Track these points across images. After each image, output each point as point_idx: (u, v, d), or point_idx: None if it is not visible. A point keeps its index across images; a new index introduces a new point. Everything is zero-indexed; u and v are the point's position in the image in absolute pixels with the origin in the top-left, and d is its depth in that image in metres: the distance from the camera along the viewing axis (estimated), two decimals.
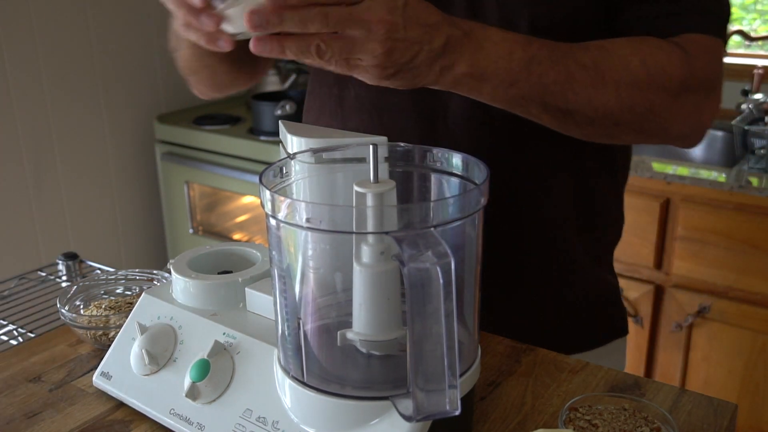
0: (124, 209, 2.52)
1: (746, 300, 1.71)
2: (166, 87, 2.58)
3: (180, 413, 0.66)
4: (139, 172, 2.54)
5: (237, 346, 0.66)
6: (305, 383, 0.59)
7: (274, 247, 0.58)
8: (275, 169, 0.62)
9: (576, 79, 0.72)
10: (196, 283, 0.70)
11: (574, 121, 0.75)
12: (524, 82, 0.70)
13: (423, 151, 0.65)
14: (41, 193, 2.26)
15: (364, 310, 0.57)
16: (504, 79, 0.69)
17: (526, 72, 0.70)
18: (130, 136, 2.49)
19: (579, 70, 0.72)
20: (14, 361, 0.79)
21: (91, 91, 2.35)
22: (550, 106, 0.72)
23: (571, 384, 0.72)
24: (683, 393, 0.71)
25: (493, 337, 0.80)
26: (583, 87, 0.72)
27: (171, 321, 0.70)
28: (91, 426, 0.68)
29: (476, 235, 0.59)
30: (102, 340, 0.80)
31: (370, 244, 0.56)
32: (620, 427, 0.63)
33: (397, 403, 0.55)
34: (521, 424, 0.66)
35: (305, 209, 0.53)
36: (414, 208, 0.54)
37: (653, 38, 0.77)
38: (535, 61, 0.70)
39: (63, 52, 2.25)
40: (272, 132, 2.24)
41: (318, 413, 0.58)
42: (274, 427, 0.60)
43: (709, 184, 1.69)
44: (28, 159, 2.21)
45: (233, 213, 2.59)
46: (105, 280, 0.90)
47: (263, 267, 0.72)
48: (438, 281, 0.49)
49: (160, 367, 0.69)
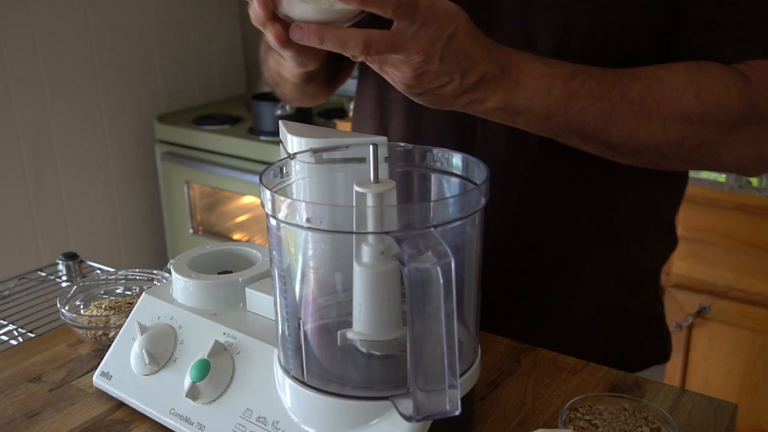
0: (124, 209, 2.52)
1: (746, 300, 1.71)
2: (166, 87, 2.57)
3: (180, 413, 0.66)
4: (139, 172, 2.54)
5: (237, 346, 0.66)
6: (305, 383, 0.59)
7: (274, 247, 0.58)
8: (275, 169, 0.62)
9: (619, 114, 0.70)
10: (196, 283, 0.70)
11: (616, 153, 0.73)
12: (561, 117, 0.69)
13: (423, 151, 0.64)
14: (41, 193, 2.26)
15: (364, 310, 0.57)
16: (538, 114, 0.69)
17: (564, 108, 0.69)
18: (130, 136, 2.49)
19: (623, 105, 0.70)
20: (14, 361, 0.79)
21: (91, 91, 2.35)
22: (590, 137, 0.71)
23: (571, 384, 0.72)
24: (683, 393, 0.71)
25: (493, 337, 0.80)
26: (627, 122, 0.70)
27: (171, 321, 0.70)
28: (91, 426, 0.68)
29: (476, 235, 0.59)
30: (102, 340, 0.80)
31: (370, 244, 0.56)
32: (620, 427, 0.63)
33: (397, 403, 0.55)
34: (521, 424, 0.66)
35: (305, 209, 0.53)
36: (414, 208, 0.54)
37: (714, 65, 0.72)
38: (575, 97, 0.69)
39: (63, 52, 2.25)
40: (272, 132, 2.24)
41: (318, 413, 0.58)
42: (274, 427, 0.60)
43: (709, 184, 1.69)
44: (28, 159, 2.21)
45: (233, 213, 2.59)
46: (105, 280, 0.90)
47: (263, 267, 0.72)
48: (438, 281, 0.49)
49: (160, 367, 0.69)
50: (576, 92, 0.69)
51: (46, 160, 2.26)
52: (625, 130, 0.70)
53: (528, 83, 0.68)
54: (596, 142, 0.72)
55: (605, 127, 0.70)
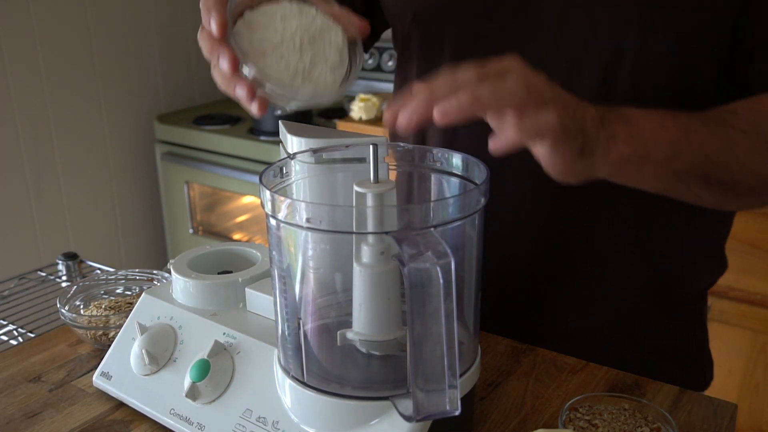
0: (124, 209, 2.52)
1: (746, 300, 1.71)
2: (166, 87, 2.58)
3: (180, 413, 0.66)
4: (139, 172, 2.54)
5: (237, 346, 0.66)
6: (305, 383, 0.59)
7: (274, 247, 0.58)
8: (275, 169, 0.62)
9: (739, 145, 0.65)
10: (196, 283, 0.70)
11: (734, 194, 0.68)
12: (687, 153, 0.63)
13: (423, 151, 0.64)
14: (41, 193, 2.26)
15: (364, 310, 0.57)
16: (666, 152, 0.62)
17: (686, 142, 0.62)
18: (130, 136, 2.49)
19: (738, 136, 0.65)
20: (14, 361, 0.79)
21: (91, 91, 2.35)
22: (712, 179, 0.65)
23: (571, 384, 0.72)
24: (683, 393, 0.71)
25: (493, 337, 0.80)
26: (748, 153, 0.65)
27: (171, 321, 0.70)
28: (91, 426, 0.68)
29: (476, 235, 0.59)
30: (102, 340, 0.80)
31: (370, 244, 0.56)
32: (620, 427, 0.63)
33: (397, 403, 0.55)
34: (521, 424, 0.66)
35: (305, 209, 0.53)
36: (414, 208, 0.54)
37: None
38: (691, 130, 0.63)
39: (63, 52, 2.25)
40: (272, 132, 2.24)
41: (318, 413, 0.58)
42: (274, 427, 0.60)
43: None
44: (28, 159, 2.21)
45: (233, 213, 2.59)
46: (105, 280, 0.90)
47: (263, 267, 0.72)
48: (438, 281, 0.49)
49: (160, 367, 0.69)
50: (689, 126, 0.63)
51: (46, 160, 2.26)
52: (748, 162, 0.66)
53: (637, 118, 0.61)
54: (717, 183, 0.66)
55: (727, 161, 0.65)
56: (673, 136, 0.62)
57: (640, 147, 0.60)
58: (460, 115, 0.51)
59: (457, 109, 0.51)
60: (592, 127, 0.58)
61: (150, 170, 2.56)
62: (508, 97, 0.52)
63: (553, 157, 0.56)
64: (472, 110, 0.52)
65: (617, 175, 0.62)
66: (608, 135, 0.59)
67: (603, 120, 0.59)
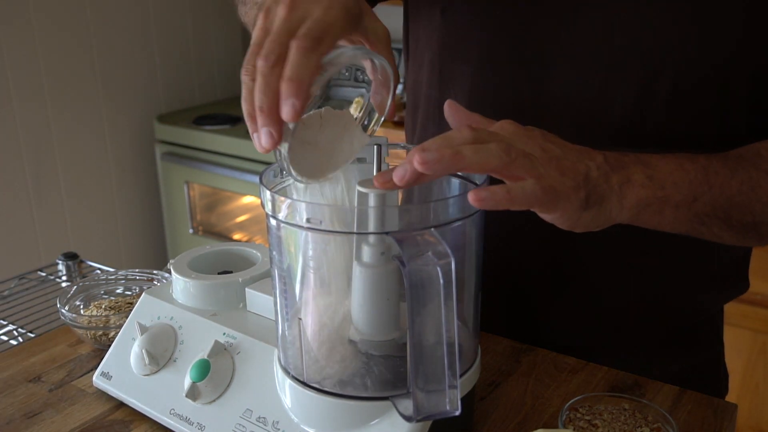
0: (124, 209, 2.52)
1: (746, 300, 1.71)
2: (166, 87, 2.58)
3: (180, 413, 0.66)
4: (139, 172, 2.54)
5: (237, 346, 0.66)
6: (305, 383, 0.59)
7: (275, 247, 0.58)
8: (275, 169, 0.62)
9: (761, 186, 0.64)
10: (196, 283, 0.70)
11: (756, 234, 0.67)
12: (707, 195, 0.62)
13: None
14: (41, 193, 2.26)
15: (364, 310, 0.57)
16: (686, 194, 0.61)
17: (706, 184, 0.62)
18: (130, 136, 2.49)
19: (761, 176, 0.64)
20: (14, 361, 0.79)
21: (91, 91, 2.35)
22: (734, 220, 0.64)
23: (571, 384, 0.72)
24: (683, 393, 0.71)
25: (493, 337, 0.80)
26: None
27: (171, 321, 0.70)
28: (91, 426, 0.68)
29: (476, 235, 0.59)
30: (102, 340, 0.80)
31: (371, 244, 0.56)
32: (620, 427, 0.63)
33: (397, 403, 0.55)
34: (521, 424, 0.66)
35: (305, 209, 0.53)
36: (414, 208, 0.54)
37: None
38: (711, 171, 0.62)
39: (63, 52, 2.25)
40: None
41: (318, 413, 0.58)
42: (274, 427, 0.60)
43: None
44: (28, 159, 2.21)
45: (233, 213, 2.59)
46: (105, 280, 0.90)
47: (263, 267, 0.72)
48: (438, 281, 0.49)
49: (160, 367, 0.69)
50: (710, 166, 0.62)
51: (46, 160, 2.26)
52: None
53: (655, 162, 0.60)
54: (739, 225, 0.65)
55: (750, 202, 0.64)
56: (693, 177, 0.61)
57: (658, 190, 0.59)
58: (439, 166, 0.50)
59: (437, 159, 0.50)
60: (599, 176, 0.57)
61: (150, 170, 2.56)
62: (487, 160, 0.52)
63: (551, 217, 0.56)
64: (452, 165, 0.51)
65: (637, 219, 0.61)
66: (622, 179, 0.58)
67: (615, 165, 0.58)
